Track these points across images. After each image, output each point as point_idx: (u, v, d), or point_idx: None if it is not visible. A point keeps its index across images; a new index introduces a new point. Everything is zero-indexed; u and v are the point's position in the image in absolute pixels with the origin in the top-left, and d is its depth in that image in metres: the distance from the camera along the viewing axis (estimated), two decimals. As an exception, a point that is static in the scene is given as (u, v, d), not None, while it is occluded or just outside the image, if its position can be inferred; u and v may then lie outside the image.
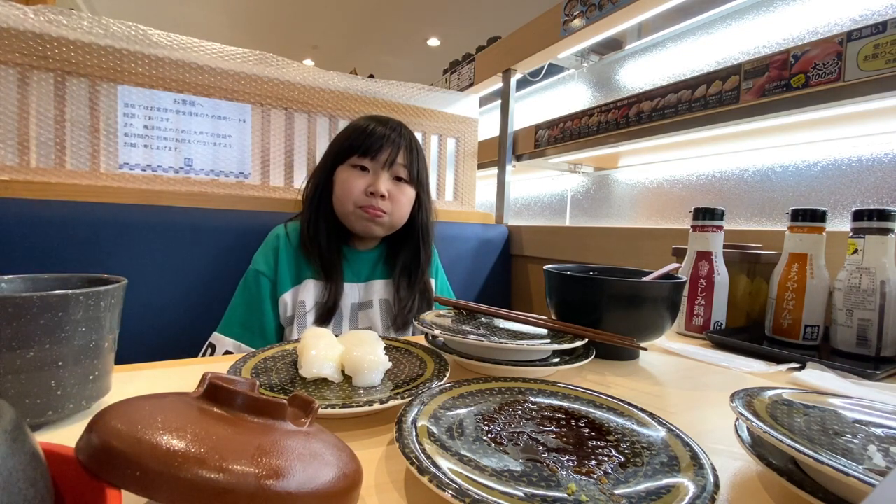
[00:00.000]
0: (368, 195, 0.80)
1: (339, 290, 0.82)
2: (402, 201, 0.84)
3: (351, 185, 0.81)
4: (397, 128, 0.85)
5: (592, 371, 0.53)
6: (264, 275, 0.82)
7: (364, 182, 0.81)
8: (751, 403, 0.32)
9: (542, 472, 0.27)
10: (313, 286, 0.82)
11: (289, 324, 0.81)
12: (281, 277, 0.81)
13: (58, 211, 0.82)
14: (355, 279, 0.86)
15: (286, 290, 0.81)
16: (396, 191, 0.83)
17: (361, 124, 0.84)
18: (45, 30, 0.84)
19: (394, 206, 0.83)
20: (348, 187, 0.81)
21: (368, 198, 0.80)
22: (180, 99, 0.98)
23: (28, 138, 0.86)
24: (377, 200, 0.80)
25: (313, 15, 4.41)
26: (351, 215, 0.82)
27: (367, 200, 0.80)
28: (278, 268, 0.82)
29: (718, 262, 0.73)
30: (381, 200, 0.81)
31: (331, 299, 0.81)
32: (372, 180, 0.81)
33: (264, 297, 0.81)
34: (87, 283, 0.39)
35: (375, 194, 0.80)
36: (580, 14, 1.20)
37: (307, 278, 0.82)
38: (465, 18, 4.36)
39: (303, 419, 0.25)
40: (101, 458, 0.19)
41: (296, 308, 0.80)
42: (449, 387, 0.37)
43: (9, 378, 0.30)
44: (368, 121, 0.84)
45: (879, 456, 0.26)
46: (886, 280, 0.59)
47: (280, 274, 0.81)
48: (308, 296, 0.81)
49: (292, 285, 0.82)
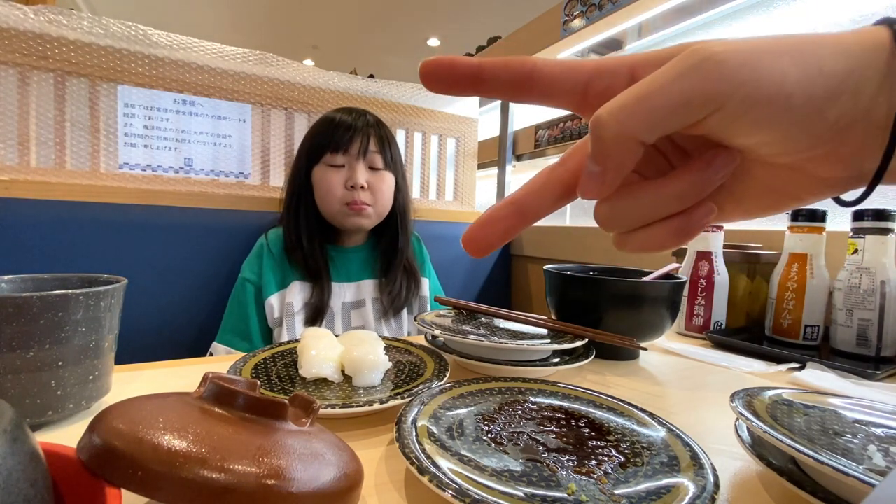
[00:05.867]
0: (349, 189, 0.81)
1: (327, 290, 0.82)
2: (383, 189, 0.84)
3: (330, 184, 0.81)
4: (362, 115, 0.85)
5: (592, 371, 0.53)
6: (249, 281, 0.83)
7: (342, 177, 0.81)
8: (751, 403, 0.32)
9: (542, 472, 0.27)
10: (300, 288, 0.82)
11: (277, 325, 0.82)
12: (265, 281, 0.82)
13: (58, 211, 0.82)
14: (345, 278, 0.87)
15: (271, 293, 0.82)
16: (375, 179, 0.83)
17: (326, 118, 0.85)
18: (45, 30, 0.84)
19: (376, 196, 0.83)
20: (327, 186, 0.81)
21: (350, 192, 0.81)
22: (180, 99, 0.98)
23: (28, 138, 0.86)
24: (358, 193, 0.81)
25: (313, 15, 4.41)
26: (338, 214, 0.83)
27: (350, 195, 0.81)
28: (262, 273, 0.83)
29: (718, 262, 0.73)
30: (363, 192, 0.81)
31: (318, 300, 0.81)
32: (349, 174, 0.81)
33: (249, 302, 0.82)
34: (87, 283, 0.39)
35: (356, 187, 0.80)
36: (580, 14, 1.20)
37: (293, 280, 0.82)
38: (465, 18, 4.37)
39: (304, 419, 0.25)
40: (103, 457, 0.19)
41: (283, 309, 0.81)
42: (449, 387, 0.37)
43: (9, 378, 0.30)
44: (333, 113, 0.85)
45: (879, 456, 0.26)
46: (886, 280, 0.59)
47: (265, 278, 0.82)
48: (296, 297, 0.81)
49: (278, 289, 0.83)
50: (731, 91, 0.16)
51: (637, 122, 0.17)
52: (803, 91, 0.17)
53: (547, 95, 0.20)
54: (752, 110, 0.17)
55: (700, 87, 0.16)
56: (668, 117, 0.17)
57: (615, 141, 0.17)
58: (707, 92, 0.16)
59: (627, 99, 0.17)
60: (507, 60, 0.19)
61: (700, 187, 0.19)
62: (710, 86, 0.16)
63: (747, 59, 0.16)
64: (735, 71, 0.16)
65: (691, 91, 0.16)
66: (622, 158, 0.17)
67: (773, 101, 0.17)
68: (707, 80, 0.16)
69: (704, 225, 0.20)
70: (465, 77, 0.19)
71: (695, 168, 0.19)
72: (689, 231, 0.20)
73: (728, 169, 0.19)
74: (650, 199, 0.20)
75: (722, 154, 0.19)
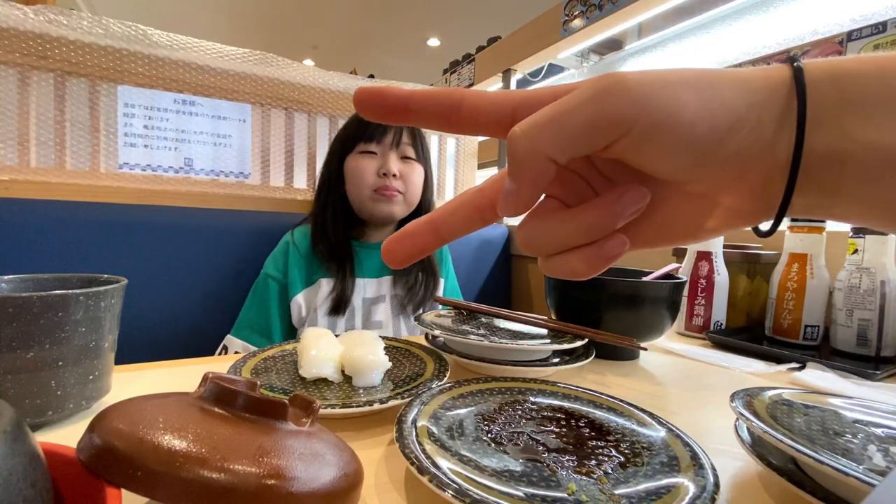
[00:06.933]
0: (381, 176, 0.82)
1: (350, 285, 0.83)
2: (414, 179, 0.86)
3: (362, 170, 0.83)
4: None
5: (592, 371, 0.53)
6: (273, 278, 0.83)
7: (374, 165, 0.83)
8: (751, 403, 0.32)
9: (542, 472, 0.27)
10: (327, 285, 0.83)
11: (301, 324, 0.82)
12: (291, 280, 0.83)
13: (58, 211, 0.82)
14: (367, 274, 0.87)
15: (298, 291, 0.83)
16: (407, 169, 0.85)
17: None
18: (45, 30, 0.84)
19: (407, 185, 0.85)
20: (360, 173, 0.83)
21: (381, 179, 0.82)
22: (180, 99, 0.98)
23: (28, 138, 0.86)
24: (390, 180, 0.82)
25: (313, 15, 4.41)
26: (368, 200, 0.84)
27: (381, 182, 0.82)
28: (288, 271, 0.83)
29: (718, 262, 0.73)
30: (394, 180, 0.83)
31: (341, 292, 0.82)
32: (381, 162, 0.83)
33: (272, 299, 0.83)
34: (87, 283, 0.39)
35: (388, 174, 0.82)
36: (580, 14, 1.20)
37: (320, 278, 0.83)
38: (465, 18, 4.37)
39: (304, 419, 0.25)
40: (103, 457, 0.19)
41: (310, 309, 0.82)
42: (449, 387, 0.37)
43: (9, 378, 0.30)
44: None
45: (879, 456, 0.26)
46: (886, 280, 0.59)
47: (290, 276, 0.83)
48: (323, 296, 0.82)
49: (304, 287, 0.83)
50: (635, 116, 0.17)
51: (547, 140, 0.17)
52: (704, 121, 0.18)
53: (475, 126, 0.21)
54: (656, 136, 0.18)
55: (606, 111, 0.17)
56: (578, 137, 0.17)
57: (527, 157, 0.18)
58: (613, 115, 0.17)
59: (540, 117, 0.18)
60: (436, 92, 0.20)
61: (609, 220, 0.20)
62: (616, 110, 0.17)
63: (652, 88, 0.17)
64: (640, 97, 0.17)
65: (599, 113, 0.17)
66: (535, 176, 0.18)
67: (677, 129, 0.17)
68: (613, 105, 0.17)
69: (616, 256, 0.20)
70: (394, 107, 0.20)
71: (605, 202, 0.20)
72: (600, 261, 0.20)
73: (637, 206, 0.20)
74: (561, 228, 0.20)
75: (631, 191, 0.20)
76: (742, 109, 0.18)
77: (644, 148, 0.18)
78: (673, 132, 0.17)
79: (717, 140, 0.18)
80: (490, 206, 0.23)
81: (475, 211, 0.23)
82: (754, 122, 0.18)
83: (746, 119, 0.18)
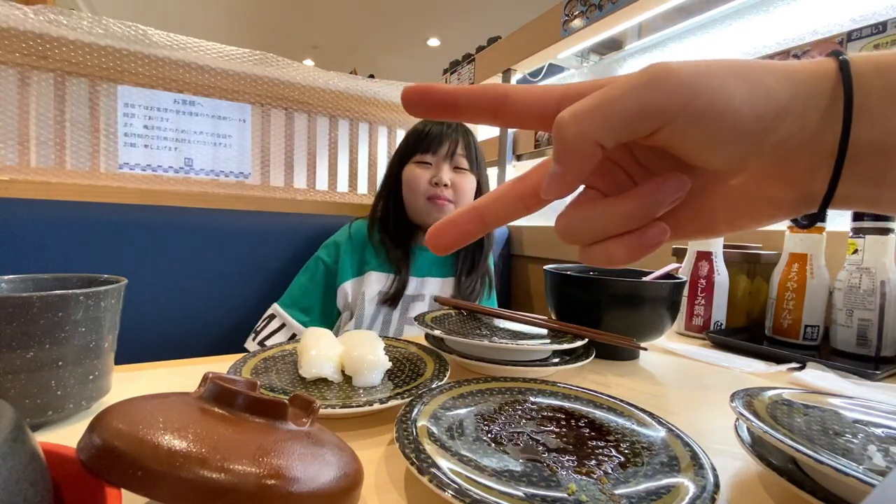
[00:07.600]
0: (433, 185, 0.88)
1: (405, 281, 0.89)
2: (466, 188, 0.91)
3: (416, 179, 0.89)
4: (453, 124, 0.93)
5: (592, 371, 0.53)
6: (323, 262, 0.91)
7: (428, 174, 0.89)
8: (751, 403, 0.32)
9: (542, 472, 0.27)
10: (375, 278, 0.89)
11: (346, 309, 0.89)
12: (342, 267, 0.90)
13: (58, 211, 0.82)
14: (415, 273, 0.93)
15: (347, 279, 0.89)
16: (459, 179, 0.91)
17: (419, 127, 0.94)
18: (45, 30, 0.84)
19: (457, 195, 0.90)
20: (414, 181, 0.90)
21: (433, 188, 0.88)
22: (180, 99, 0.98)
23: (28, 138, 0.86)
24: (441, 189, 0.88)
25: (313, 15, 4.41)
26: (422, 207, 0.90)
27: (433, 190, 0.88)
28: (339, 259, 0.90)
29: (718, 262, 0.73)
30: (445, 189, 0.88)
31: (395, 289, 0.88)
32: (435, 172, 0.89)
33: (319, 281, 0.90)
34: (87, 283, 0.39)
35: (439, 184, 0.88)
36: (580, 14, 1.20)
37: (370, 270, 0.90)
38: (465, 18, 4.37)
39: (304, 419, 0.25)
40: (103, 457, 0.19)
41: (357, 296, 0.88)
42: (449, 387, 0.37)
43: (9, 378, 0.30)
44: (425, 124, 0.94)
45: (879, 456, 0.26)
46: (886, 280, 0.59)
47: (341, 264, 0.90)
48: (370, 286, 0.88)
49: (353, 276, 0.90)
50: (682, 104, 0.17)
51: (595, 125, 0.18)
52: (751, 110, 0.18)
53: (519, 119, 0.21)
54: (703, 123, 0.18)
55: (653, 99, 0.17)
56: (624, 124, 0.18)
57: (575, 141, 0.18)
58: (659, 104, 0.17)
59: (588, 103, 0.18)
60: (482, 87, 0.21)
61: (650, 209, 0.20)
62: (663, 98, 0.17)
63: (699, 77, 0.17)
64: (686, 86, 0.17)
65: (645, 102, 0.17)
66: (581, 159, 0.18)
67: (723, 116, 0.18)
68: (660, 93, 0.17)
69: (657, 244, 0.20)
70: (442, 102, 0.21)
71: (645, 191, 0.20)
72: (641, 249, 0.20)
73: (677, 194, 0.20)
74: (602, 216, 0.21)
75: (673, 178, 0.20)
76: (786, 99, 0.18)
77: (690, 135, 0.18)
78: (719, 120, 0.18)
79: (762, 129, 0.18)
80: (531, 194, 0.23)
81: (517, 199, 0.24)
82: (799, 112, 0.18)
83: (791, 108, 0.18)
